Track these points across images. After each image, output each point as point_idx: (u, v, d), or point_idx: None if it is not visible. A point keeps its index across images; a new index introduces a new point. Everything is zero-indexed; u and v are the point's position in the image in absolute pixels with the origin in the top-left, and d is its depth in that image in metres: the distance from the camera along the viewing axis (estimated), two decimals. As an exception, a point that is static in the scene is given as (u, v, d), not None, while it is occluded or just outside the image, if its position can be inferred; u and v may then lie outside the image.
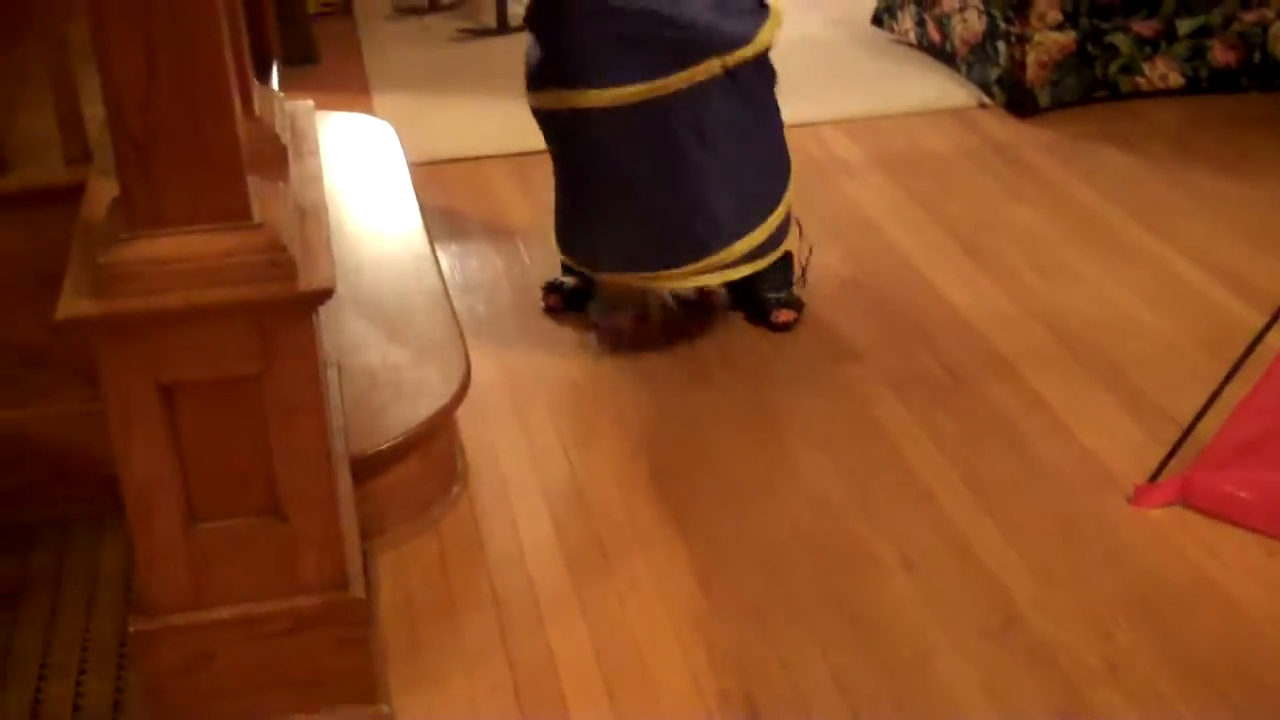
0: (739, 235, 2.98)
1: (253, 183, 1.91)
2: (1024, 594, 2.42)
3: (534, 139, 3.17)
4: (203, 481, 1.97)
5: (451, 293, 3.02)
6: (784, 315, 3.14)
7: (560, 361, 3.10)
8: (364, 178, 3.45)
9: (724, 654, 2.30)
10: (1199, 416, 2.62)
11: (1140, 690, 2.22)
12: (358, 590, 2.09)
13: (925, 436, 2.86)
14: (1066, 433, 2.85)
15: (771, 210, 3.03)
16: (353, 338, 2.74)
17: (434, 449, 2.61)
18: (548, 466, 2.76)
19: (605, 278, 3.11)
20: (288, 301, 1.88)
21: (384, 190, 3.39)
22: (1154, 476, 2.65)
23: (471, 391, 2.71)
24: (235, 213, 1.89)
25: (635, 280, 3.04)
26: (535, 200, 3.81)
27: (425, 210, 3.31)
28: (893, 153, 4.15)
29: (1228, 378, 2.61)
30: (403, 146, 3.63)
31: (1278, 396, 2.55)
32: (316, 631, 2.08)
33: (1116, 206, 3.80)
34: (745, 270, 3.02)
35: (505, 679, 2.26)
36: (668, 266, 2.97)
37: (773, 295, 3.14)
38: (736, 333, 3.18)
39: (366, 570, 2.33)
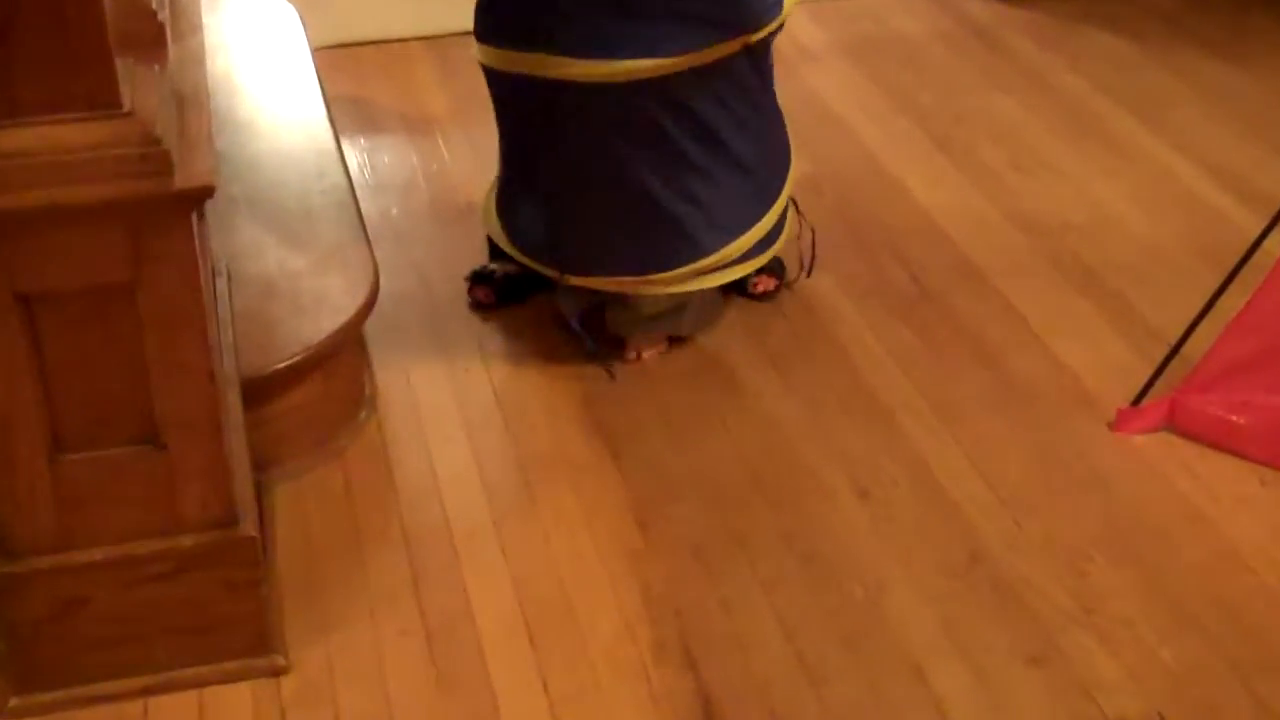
0: (737, 233, 2.73)
1: (122, 66, 1.86)
2: (991, 527, 2.44)
3: (457, 18, 3.12)
4: (69, 406, 1.94)
5: (360, 193, 2.99)
6: (762, 282, 2.96)
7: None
8: (260, 63, 3.39)
9: (659, 596, 2.30)
10: (1188, 332, 2.64)
11: (1116, 632, 2.24)
12: (248, 527, 2.07)
13: (886, 353, 2.86)
14: (1043, 349, 2.86)
15: (772, 202, 2.79)
16: (245, 243, 2.70)
17: (338, 369, 2.58)
18: (467, 390, 2.74)
19: (570, 280, 2.75)
20: (162, 200, 1.84)
21: (283, 77, 3.33)
22: (1138, 399, 2.66)
23: (381, 304, 2.68)
24: (102, 100, 1.84)
25: (611, 285, 2.72)
26: (457, 86, 3.76)
27: (331, 99, 3.26)
28: (859, 36, 4.12)
29: (1221, 289, 2.61)
30: (306, 27, 3.56)
31: (1276, 310, 2.55)
32: (201, 574, 2.07)
33: (1105, 96, 3.80)
34: (741, 271, 2.79)
35: (416, 625, 2.25)
36: (655, 270, 2.69)
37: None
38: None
39: (260, 505, 2.31)
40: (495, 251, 2.94)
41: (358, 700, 2.13)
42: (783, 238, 2.86)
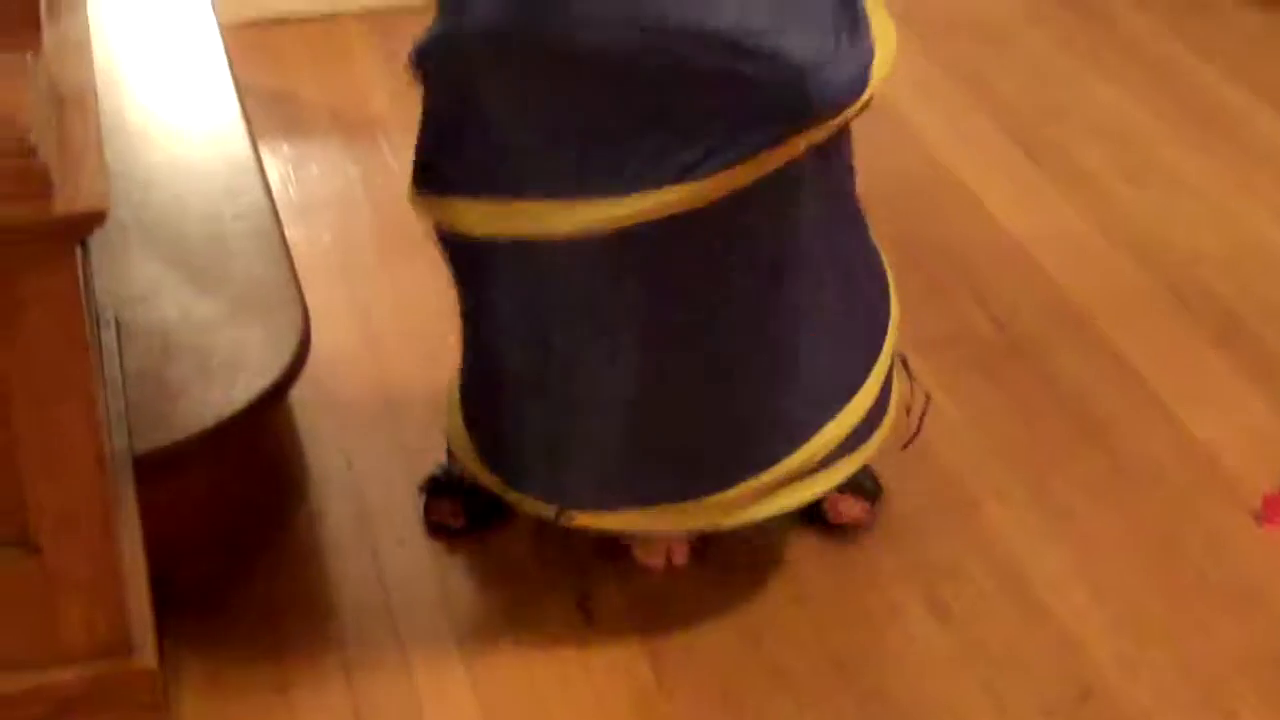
0: (823, 421, 2.41)
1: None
2: (1106, 653, 2.45)
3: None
4: (-84, 500, 1.95)
5: (284, 215, 2.98)
6: (849, 509, 2.65)
7: (452, 317, 3.06)
8: (154, 49, 3.41)
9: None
10: (1357, 395, 2.67)
11: (1273, 790, 2.25)
12: (146, 657, 2.07)
13: (965, 421, 2.87)
14: (1167, 417, 2.88)
15: (871, 366, 2.46)
16: (139, 284, 2.72)
17: (258, 449, 2.61)
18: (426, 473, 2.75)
19: (574, 521, 2.43)
20: (38, 228, 1.85)
21: (184, 66, 3.36)
22: (1291, 481, 2.68)
23: (314, 363, 2.68)
24: (-46, 100, 1.86)
25: (641, 522, 2.43)
26: (406, 75, 3.78)
27: (245, 93, 3.28)
28: (928, 10, 4.15)
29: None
30: (214, 3, 3.59)
31: None
32: (88, 718, 2.06)
33: (1240, 84, 3.83)
34: (834, 479, 2.47)
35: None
36: (710, 491, 2.38)
37: None
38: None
39: (161, 630, 2.31)
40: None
41: None
42: (889, 415, 2.52)
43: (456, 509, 2.63)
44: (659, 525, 2.43)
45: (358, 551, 2.61)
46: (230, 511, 2.58)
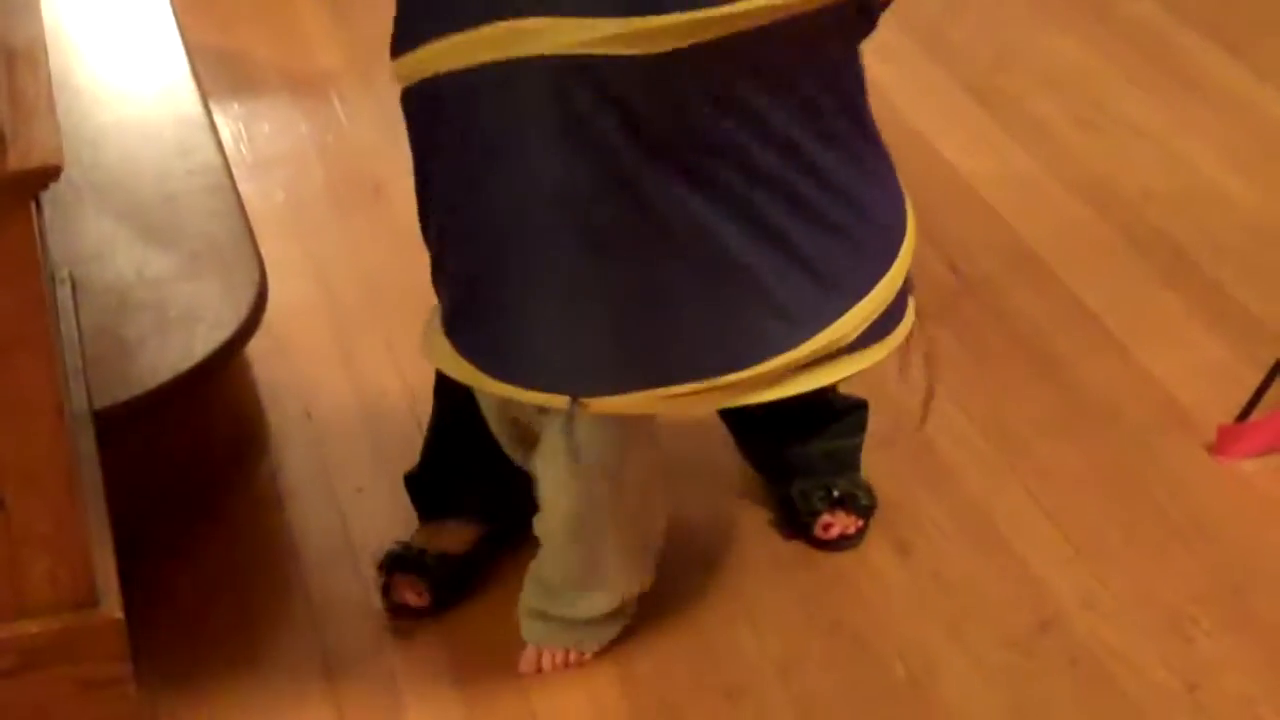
0: (851, 297, 2.24)
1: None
2: (1065, 585, 2.47)
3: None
4: (-125, 458, 1.95)
5: (237, 173, 3.00)
6: (838, 522, 2.55)
7: (406, 268, 3.07)
8: (103, 10, 3.41)
9: (644, 679, 2.34)
10: (1307, 327, 2.69)
11: (1229, 713, 2.27)
12: (110, 608, 2.08)
13: (921, 365, 2.88)
14: (1121, 355, 2.91)
15: (893, 259, 2.31)
16: (93, 242, 2.73)
17: (217, 402, 2.62)
18: (384, 423, 2.76)
19: (594, 407, 2.19)
20: None
21: (130, 25, 3.35)
22: (1244, 413, 2.71)
23: (271, 316, 2.70)
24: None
25: (660, 405, 2.22)
26: (357, 30, 3.78)
27: (193, 52, 3.28)
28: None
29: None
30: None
31: None
32: (52, 670, 2.07)
33: (1188, 25, 3.86)
34: (854, 365, 2.28)
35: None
36: (740, 365, 2.18)
37: (818, 487, 2.56)
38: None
39: (124, 580, 2.32)
40: (427, 510, 2.54)
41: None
42: (906, 323, 2.37)
43: (420, 587, 2.44)
44: (678, 408, 2.23)
45: (318, 499, 2.63)
46: (192, 464, 2.59)
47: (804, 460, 2.58)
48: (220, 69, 3.68)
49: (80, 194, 2.82)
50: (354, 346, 2.93)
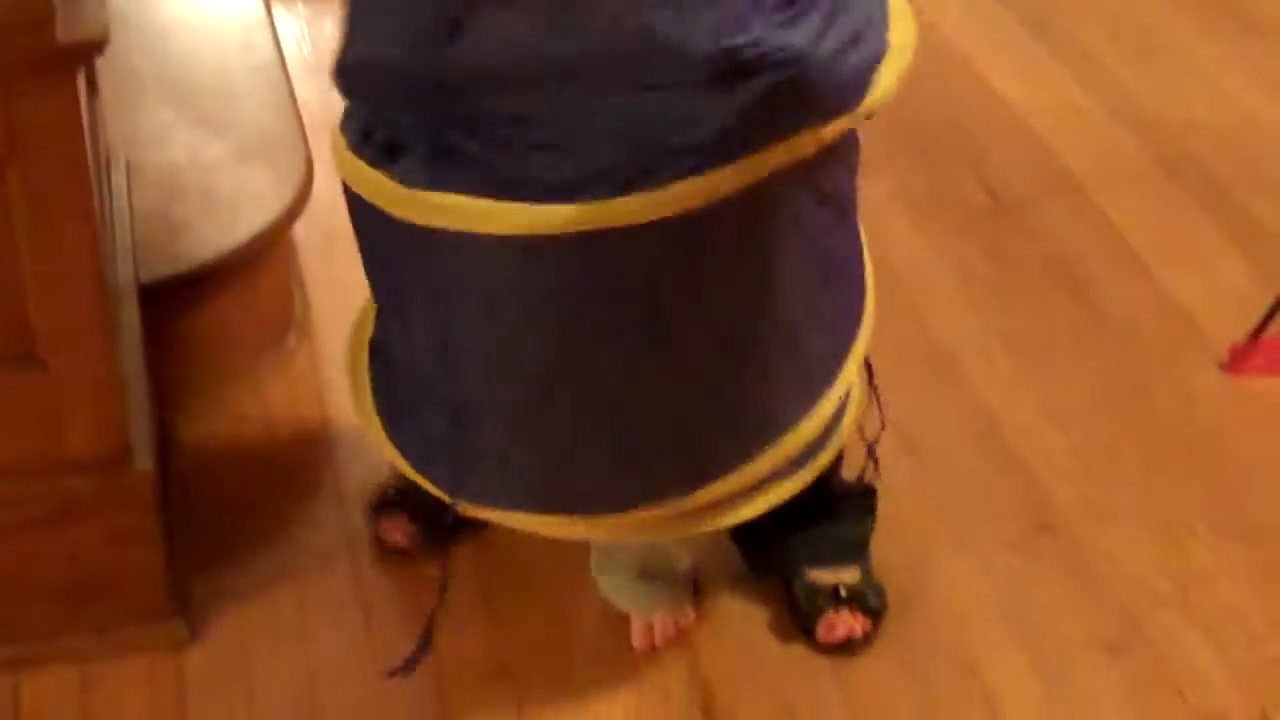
0: (799, 415, 2.13)
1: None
2: (1067, 490, 2.55)
3: None
4: (-75, 310, 2.05)
5: (295, 73, 3.07)
6: (838, 624, 2.34)
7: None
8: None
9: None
10: (1325, 253, 2.75)
11: (1218, 619, 2.35)
12: (144, 464, 2.18)
13: (950, 280, 2.96)
14: (1147, 277, 2.98)
15: (845, 358, 2.19)
16: (150, 127, 2.81)
17: (260, 282, 2.70)
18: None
19: (479, 514, 2.16)
20: (39, 57, 1.91)
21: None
22: (1257, 332, 2.77)
23: (315, 205, 2.78)
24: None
25: (609, 528, 2.15)
26: None
27: (262, -46, 3.35)
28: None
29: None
30: None
31: None
32: (87, 521, 2.18)
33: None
34: (799, 482, 2.18)
35: (349, 593, 2.37)
36: (692, 486, 2.10)
37: (825, 586, 2.35)
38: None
39: (162, 444, 2.43)
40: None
41: (277, 681, 2.26)
42: (841, 432, 2.25)
43: (410, 529, 2.41)
44: (559, 531, 2.15)
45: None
46: (234, 339, 2.68)
47: (807, 549, 2.34)
48: (289, -27, 3.76)
49: (144, 84, 2.91)
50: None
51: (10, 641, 2.25)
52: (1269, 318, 2.75)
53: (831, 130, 1.91)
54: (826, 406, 2.14)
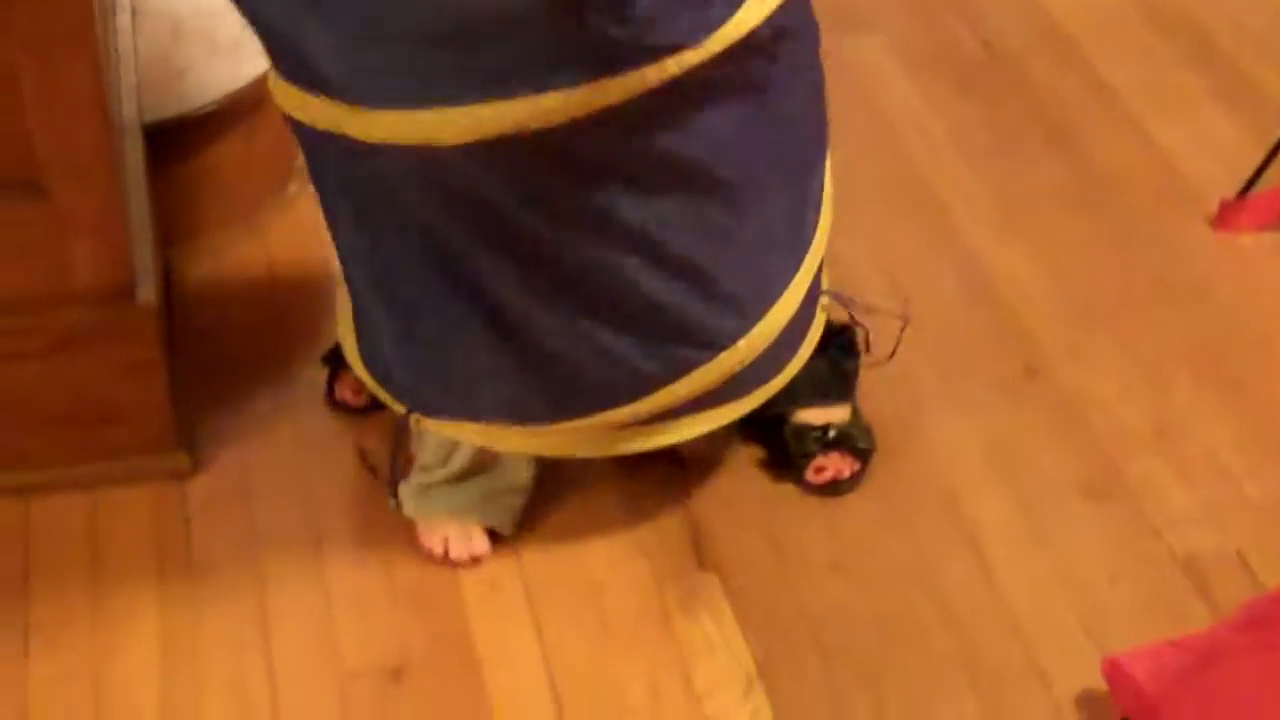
0: (756, 315, 2.15)
1: None
2: (1054, 337, 2.61)
3: None
4: (-70, 138, 2.08)
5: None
6: (831, 464, 2.39)
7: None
8: None
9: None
10: (1312, 108, 2.79)
11: (1195, 460, 2.41)
12: (148, 295, 2.22)
13: (942, 132, 3.00)
14: (1136, 130, 3.01)
15: (799, 262, 2.20)
16: (153, -25, 2.83)
17: (261, 128, 2.72)
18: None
19: (433, 426, 2.21)
20: None
21: None
22: (1245, 189, 2.80)
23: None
24: None
25: (553, 439, 2.20)
26: None
27: None
28: None
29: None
30: None
31: None
32: (93, 350, 2.23)
33: None
34: (773, 387, 2.24)
35: (345, 430, 2.43)
36: (627, 398, 2.14)
37: (813, 428, 2.38)
38: None
39: (167, 281, 2.48)
40: None
41: (276, 510, 2.32)
42: (812, 332, 2.29)
43: (358, 385, 2.40)
44: (507, 443, 2.20)
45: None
46: (235, 184, 2.71)
47: (791, 387, 2.29)
48: None
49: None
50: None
51: (20, 468, 2.30)
52: (1258, 174, 2.78)
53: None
54: (771, 322, 2.15)
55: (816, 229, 2.21)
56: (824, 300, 2.32)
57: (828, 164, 2.23)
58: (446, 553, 2.27)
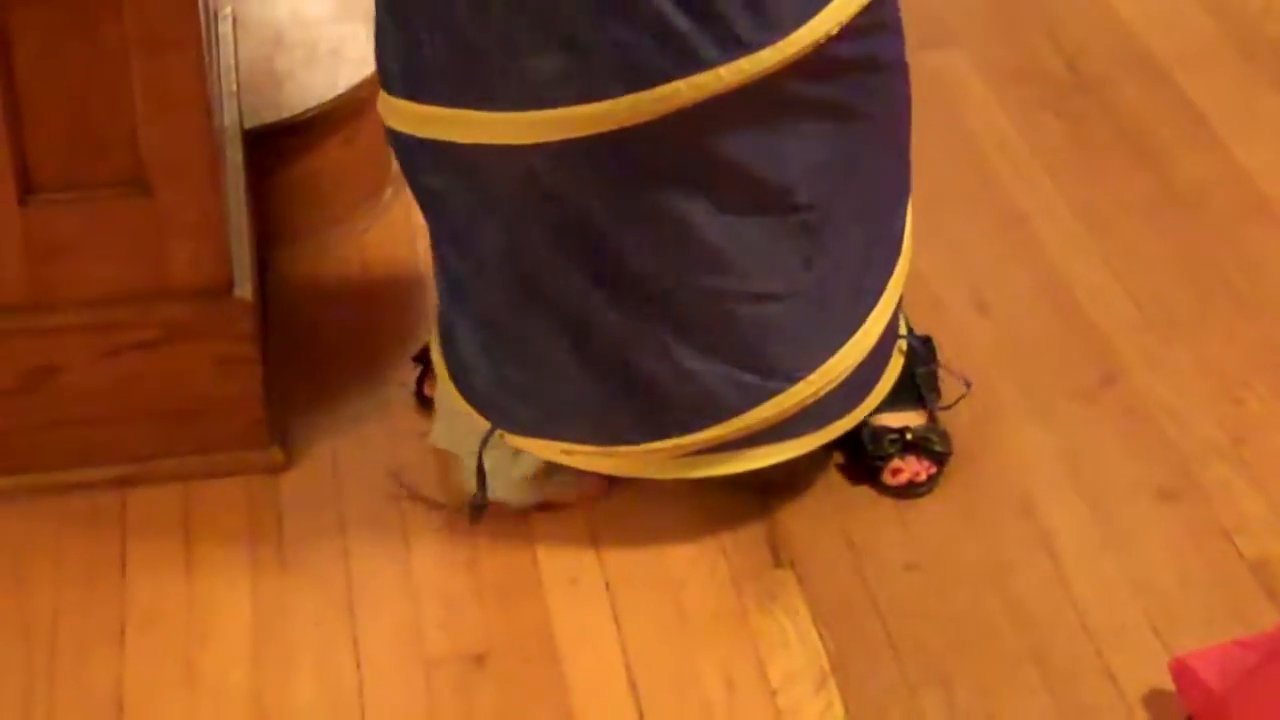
0: (830, 350, 2.23)
1: None
2: (1132, 346, 2.63)
3: None
4: (41, 138, 2.15)
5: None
6: (903, 468, 2.40)
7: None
8: None
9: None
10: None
11: (1267, 467, 2.43)
12: (245, 292, 2.29)
13: (1027, 148, 3.03)
14: (1219, 149, 3.03)
15: (877, 298, 2.27)
16: (257, -16, 2.91)
17: (358, 134, 2.79)
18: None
19: (570, 455, 2.28)
20: None
21: None
22: (1326, 206, 2.83)
23: (413, 62, 2.87)
24: None
25: (630, 461, 2.26)
26: None
27: None
28: None
29: None
30: None
31: None
32: (190, 345, 2.29)
33: None
34: (840, 427, 2.32)
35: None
36: (706, 424, 2.21)
37: (890, 430, 2.40)
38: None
39: (263, 280, 2.54)
40: None
41: (365, 504, 2.37)
42: (887, 378, 2.37)
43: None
44: (592, 465, 2.29)
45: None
46: (332, 189, 2.77)
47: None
48: None
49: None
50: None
51: (119, 461, 2.36)
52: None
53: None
54: (845, 358, 2.24)
55: (896, 267, 2.29)
56: (900, 344, 2.38)
57: (909, 204, 2.30)
58: None
